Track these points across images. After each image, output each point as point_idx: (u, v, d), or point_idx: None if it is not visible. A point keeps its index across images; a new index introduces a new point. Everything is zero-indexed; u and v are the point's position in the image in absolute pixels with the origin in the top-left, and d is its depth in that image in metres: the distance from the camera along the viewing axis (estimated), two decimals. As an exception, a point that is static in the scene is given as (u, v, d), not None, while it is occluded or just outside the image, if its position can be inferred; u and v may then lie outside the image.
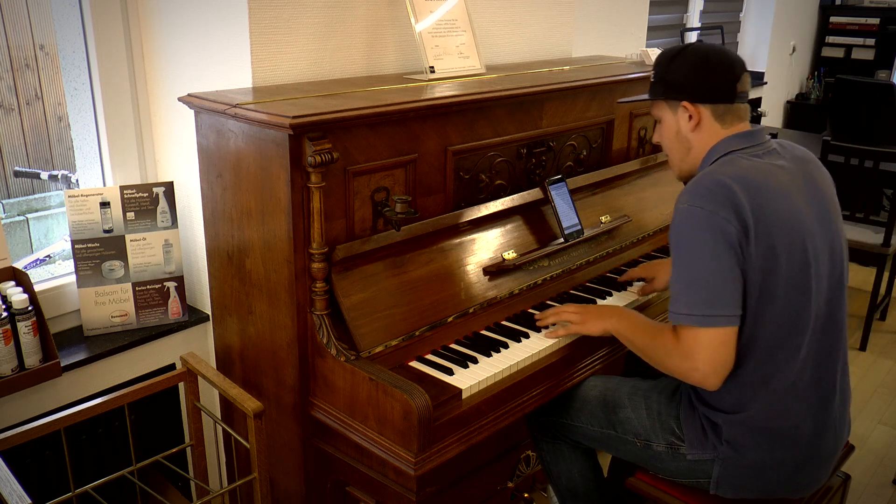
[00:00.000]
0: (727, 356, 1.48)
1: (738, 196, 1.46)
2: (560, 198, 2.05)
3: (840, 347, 1.61)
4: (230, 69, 1.80)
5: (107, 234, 1.89)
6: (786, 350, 1.53)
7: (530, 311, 1.93)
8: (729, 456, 1.58)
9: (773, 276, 1.49)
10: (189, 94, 1.72)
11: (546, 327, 1.82)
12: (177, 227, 1.95)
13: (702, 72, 1.60)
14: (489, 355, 1.70)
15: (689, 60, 1.62)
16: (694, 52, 1.63)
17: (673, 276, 1.52)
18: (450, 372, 1.62)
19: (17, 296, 1.67)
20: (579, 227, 2.08)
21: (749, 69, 5.32)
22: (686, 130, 1.65)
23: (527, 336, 1.79)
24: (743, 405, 1.56)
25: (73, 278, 1.91)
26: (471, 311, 1.80)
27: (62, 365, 1.75)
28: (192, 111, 1.75)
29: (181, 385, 1.86)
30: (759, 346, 1.52)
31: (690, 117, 1.63)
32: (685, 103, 1.63)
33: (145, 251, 1.93)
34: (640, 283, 2.08)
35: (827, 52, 5.77)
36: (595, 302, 1.98)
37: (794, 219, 1.51)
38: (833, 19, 5.69)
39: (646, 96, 1.74)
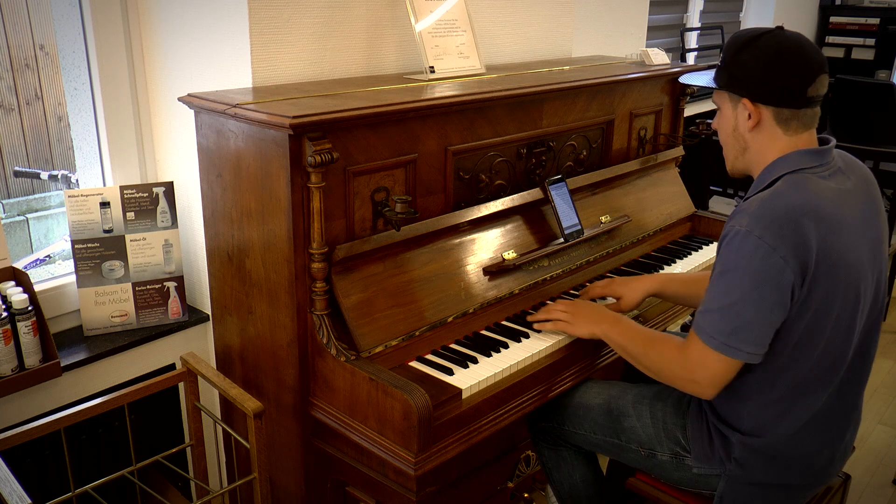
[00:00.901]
0: (727, 380, 1.46)
1: (807, 235, 1.35)
2: (560, 198, 2.05)
3: (866, 374, 1.58)
4: (230, 69, 1.80)
5: (107, 234, 1.89)
6: (818, 385, 1.49)
7: (530, 311, 1.93)
8: (736, 474, 1.56)
9: (825, 318, 1.42)
10: (189, 94, 1.72)
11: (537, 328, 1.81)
12: (177, 227, 1.95)
13: (771, 70, 1.44)
14: (489, 355, 1.70)
15: (759, 54, 1.45)
16: (766, 45, 1.44)
17: (710, 293, 1.45)
18: (450, 372, 1.62)
19: (17, 296, 1.67)
20: (579, 227, 2.08)
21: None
22: (744, 129, 1.51)
23: (527, 336, 1.79)
24: (762, 430, 1.52)
25: (73, 278, 1.90)
26: (471, 311, 1.80)
27: (62, 365, 1.75)
28: (192, 111, 1.75)
29: (181, 385, 1.86)
30: (793, 379, 1.48)
31: (750, 116, 1.48)
32: (746, 101, 1.48)
33: (145, 251, 1.93)
34: (602, 303, 1.94)
35: (827, 52, 5.76)
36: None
37: (854, 257, 1.43)
38: (833, 19, 5.69)
39: (711, 81, 1.58)
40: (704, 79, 1.62)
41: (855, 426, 1.63)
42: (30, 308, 1.69)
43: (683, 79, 1.77)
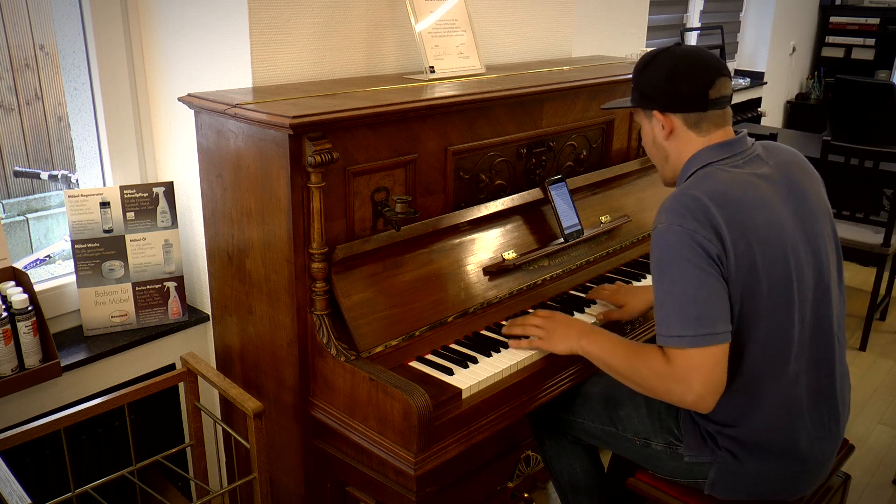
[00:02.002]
0: (721, 376, 1.44)
1: (713, 214, 1.43)
2: (560, 198, 2.05)
3: (832, 356, 1.58)
4: (230, 69, 1.80)
5: (107, 234, 1.89)
6: (773, 366, 1.51)
7: (530, 311, 1.93)
8: (727, 461, 1.57)
9: (755, 294, 1.46)
10: (189, 94, 1.72)
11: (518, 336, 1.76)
12: (177, 227, 1.95)
13: (671, 81, 1.55)
14: (489, 355, 1.70)
15: (659, 68, 1.57)
16: (664, 60, 1.57)
17: (658, 299, 1.47)
18: (450, 372, 1.62)
19: (17, 296, 1.67)
20: (579, 227, 2.08)
21: (749, 69, 5.30)
22: (661, 138, 1.61)
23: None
24: (734, 420, 1.54)
25: (73, 278, 1.91)
26: (471, 311, 1.80)
27: (62, 365, 1.75)
28: (192, 111, 1.75)
29: (181, 385, 1.86)
30: (746, 364, 1.50)
31: (663, 126, 1.59)
32: (656, 113, 1.59)
33: (145, 251, 1.93)
34: (602, 311, 1.93)
35: (827, 52, 5.77)
36: (595, 302, 1.98)
37: (774, 232, 1.48)
38: (833, 19, 5.69)
39: (626, 102, 1.71)
40: None
41: (835, 412, 1.61)
42: (30, 308, 1.69)
43: (607, 105, 1.89)
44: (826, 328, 1.57)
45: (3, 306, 1.66)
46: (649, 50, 1.65)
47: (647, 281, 2.13)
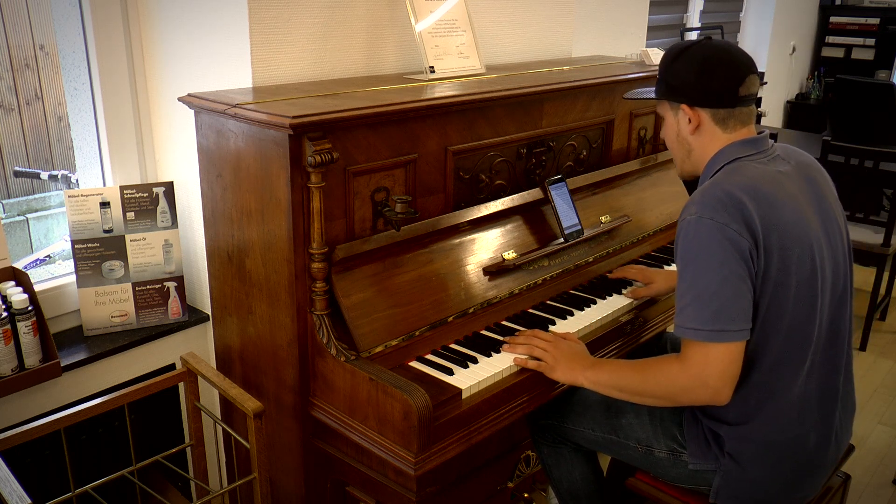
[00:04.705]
0: (736, 370, 1.45)
1: (748, 208, 1.42)
2: (560, 198, 2.05)
3: (844, 358, 1.59)
4: (230, 69, 1.80)
5: (107, 234, 1.89)
6: (791, 363, 1.51)
7: (531, 310, 1.93)
8: (731, 468, 1.57)
9: (784, 290, 1.46)
10: (189, 94, 1.72)
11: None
12: (177, 227, 1.95)
13: (702, 76, 1.55)
14: (489, 355, 1.70)
15: (689, 62, 1.57)
16: (695, 54, 1.57)
17: (680, 289, 1.48)
18: (450, 372, 1.62)
19: (17, 296, 1.67)
20: (579, 227, 2.08)
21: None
22: (686, 133, 1.62)
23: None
24: (747, 417, 1.54)
25: (73, 278, 1.91)
26: (471, 311, 1.80)
27: (62, 365, 1.75)
28: (191, 111, 1.75)
29: (181, 385, 1.86)
30: (765, 360, 1.50)
31: (690, 120, 1.59)
32: (684, 106, 1.59)
33: (145, 251, 1.93)
34: (632, 288, 2.05)
35: (827, 52, 5.77)
36: (595, 302, 1.98)
37: (802, 229, 1.48)
38: (833, 19, 5.69)
39: (651, 92, 1.70)
40: None
41: (846, 409, 1.63)
42: (30, 308, 1.69)
43: (629, 94, 1.89)
44: (841, 330, 1.58)
45: (3, 306, 1.66)
46: (673, 45, 1.63)
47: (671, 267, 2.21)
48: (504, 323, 1.86)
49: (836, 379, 1.58)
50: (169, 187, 1.93)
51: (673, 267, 2.25)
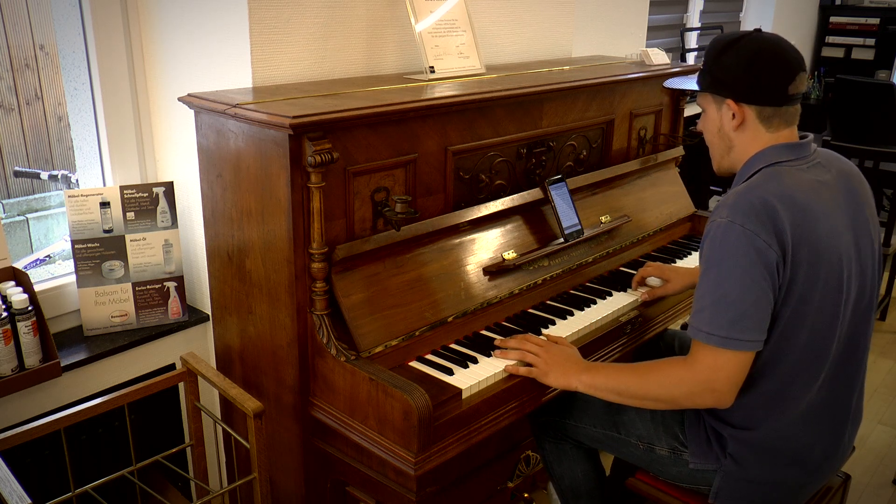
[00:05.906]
0: (742, 378, 1.44)
1: (781, 218, 1.39)
2: (560, 198, 2.05)
3: (860, 373, 1.58)
4: (230, 69, 1.80)
5: (107, 234, 1.89)
6: (805, 376, 1.50)
7: (531, 310, 1.93)
8: (731, 469, 1.56)
9: (807, 304, 1.44)
10: (189, 94, 1.72)
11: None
12: (177, 227, 1.95)
13: (751, 71, 1.48)
14: (489, 355, 1.70)
15: (739, 56, 1.49)
16: (745, 47, 1.49)
17: (700, 290, 1.46)
18: (450, 372, 1.62)
19: (17, 296, 1.67)
20: (579, 227, 2.08)
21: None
22: (728, 129, 1.56)
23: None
24: (752, 424, 1.53)
25: (73, 278, 1.90)
26: (471, 311, 1.80)
27: (62, 365, 1.75)
28: (191, 111, 1.75)
29: (181, 385, 1.86)
30: (780, 371, 1.49)
31: (734, 116, 1.53)
32: (729, 101, 1.53)
33: (145, 251, 1.93)
34: (646, 288, 2.04)
35: (827, 52, 5.76)
36: (595, 302, 1.98)
37: (833, 244, 1.45)
38: (833, 19, 5.69)
39: (694, 83, 1.64)
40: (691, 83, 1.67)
41: (853, 426, 1.62)
42: (30, 308, 1.69)
43: (670, 83, 1.86)
44: (860, 345, 1.56)
45: (3, 306, 1.66)
46: (722, 35, 1.57)
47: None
48: (504, 323, 1.86)
49: (849, 394, 1.57)
50: (169, 187, 1.93)
51: (685, 263, 2.28)
